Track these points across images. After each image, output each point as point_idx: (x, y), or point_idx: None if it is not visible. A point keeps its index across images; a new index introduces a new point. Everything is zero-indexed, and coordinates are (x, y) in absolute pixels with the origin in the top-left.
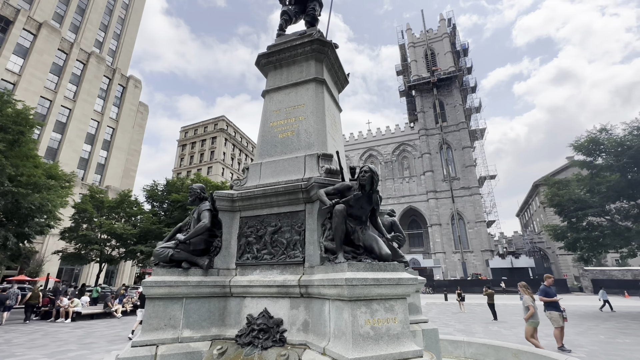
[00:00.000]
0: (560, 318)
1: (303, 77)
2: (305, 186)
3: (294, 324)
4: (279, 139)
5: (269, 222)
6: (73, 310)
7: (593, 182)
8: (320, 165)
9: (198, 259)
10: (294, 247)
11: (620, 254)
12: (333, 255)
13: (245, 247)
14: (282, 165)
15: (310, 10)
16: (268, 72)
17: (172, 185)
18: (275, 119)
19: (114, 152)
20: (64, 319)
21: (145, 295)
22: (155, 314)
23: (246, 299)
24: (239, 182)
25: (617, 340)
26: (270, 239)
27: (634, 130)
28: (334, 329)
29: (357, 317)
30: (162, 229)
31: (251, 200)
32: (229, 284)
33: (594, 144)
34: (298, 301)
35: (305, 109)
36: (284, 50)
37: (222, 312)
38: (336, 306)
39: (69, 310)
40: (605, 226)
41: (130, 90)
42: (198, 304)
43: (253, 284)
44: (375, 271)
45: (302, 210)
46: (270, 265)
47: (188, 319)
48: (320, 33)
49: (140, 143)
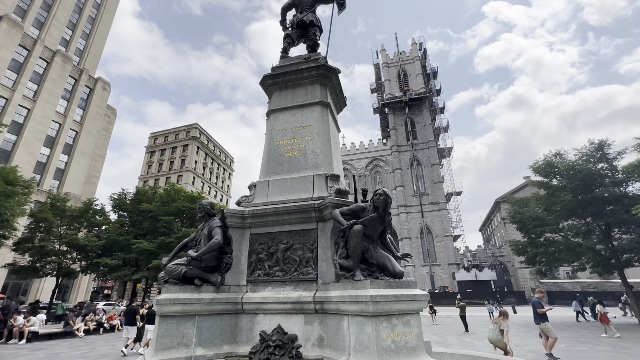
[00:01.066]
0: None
1: (309, 100)
2: (318, 205)
3: (308, 339)
4: (286, 157)
5: (280, 239)
6: (29, 330)
7: (549, 202)
8: (330, 186)
9: (210, 276)
10: (306, 264)
11: (572, 267)
12: (348, 272)
13: (257, 263)
14: (290, 184)
15: (312, 35)
16: (273, 92)
17: (143, 194)
18: (281, 138)
19: (76, 157)
20: (17, 339)
21: (158, 313)
22: (168, 332)
23: (258, 315)
24: (247, 198)
25: (575, 348)
26: (282, 256)
27: (582, 155)
28: (354, 343)
29: (380, 331)
30: (130, 240)
31: (262, 217)
32: (241, 300)
33: (549, 166)
34: (312, 317)
35: (312, 130)
36: (290, 72)
37: (234, 329)
38: (357, 321)
39: (24, 330)
40: (560, 242)
41: (97, 93)
42: (210, 321)
43: (267, 301)
44: (393, 288)
45: (314, 228)
46: (282, 282)
47: (200, 337)
48: (325, 59)
49: (105, 148)
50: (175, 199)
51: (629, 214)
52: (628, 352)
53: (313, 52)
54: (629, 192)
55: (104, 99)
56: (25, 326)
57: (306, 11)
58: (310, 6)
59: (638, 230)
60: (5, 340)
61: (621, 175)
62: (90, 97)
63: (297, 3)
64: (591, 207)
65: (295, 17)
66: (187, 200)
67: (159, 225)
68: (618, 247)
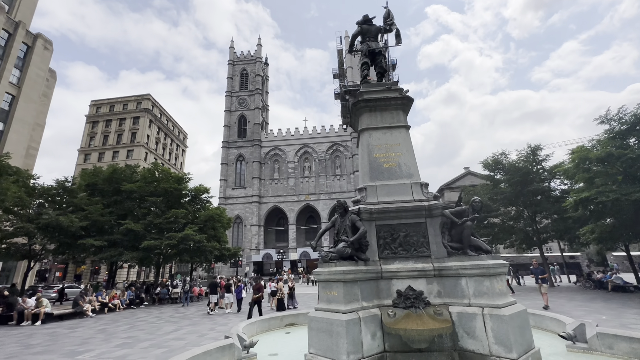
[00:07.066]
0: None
1: (395, 123)
2: (428, 206)
3: (430, 293)
4: (385, 167)
5: (400, 228)
6: (44, 312)
7: (493, 192)
8: (425, 192)
9: (361, 254)
10: (420, 245)
11: (504, 244)
12: (457, 250)
13: (384, 245)
14: (393, 189)
15: (379, 61)
16: (363, 112)
17: (120, 173)
18: (377, 152)
19: (14, 126)
20: (30, 322)
21: (334, 280)
22: (347, 292)
23: (392, 280)
24: (363, 198)
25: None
26: (403, 240)
27: (522, 156)
28: (473, 292)
29: (494, 283)
30: (114, 221)
31: (385, 213)
32: (380, 270)
33: (495, 163)
34: (432, 279)
35: (401, 147)
36: (379, 99)
37: (377, 290)
38: (475, 280)
39: (40, 311)
40: (497, 224)
41: (38, 52)
42: (365, 284)
43: (400, 270)
44: (495, 260)
45: (423, 222)
46: (406, 258)
47: (362, 295)
48: (406, 90)
49: (44, 116)
50: (160, 179)
51: (551, 203)
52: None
53: (382, 77)
54: (552, 188)
55: (45, 60)
56: (41, 308)
57: (372, 40)
58: (374, 36)
59: (554, 217)
60: (17, 323)
61: (546, 174)
62: (28, 56)
63: (364, 32)
64: (523, 198)
65: (364, 45)
66: (175, 182)
67: (144, 205)
68: (541, 229)
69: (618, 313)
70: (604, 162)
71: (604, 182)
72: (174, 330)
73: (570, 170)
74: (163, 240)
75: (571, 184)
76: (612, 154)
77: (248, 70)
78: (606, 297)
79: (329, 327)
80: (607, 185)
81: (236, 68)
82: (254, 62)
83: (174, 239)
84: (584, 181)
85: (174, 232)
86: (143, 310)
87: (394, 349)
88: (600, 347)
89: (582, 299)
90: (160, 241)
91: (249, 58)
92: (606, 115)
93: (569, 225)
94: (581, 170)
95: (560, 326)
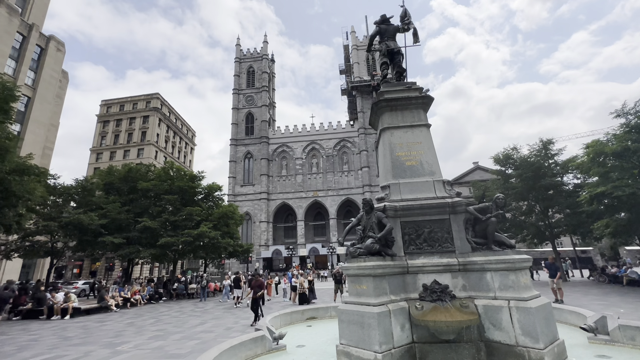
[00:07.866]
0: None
1: (416, 122)
2: (452, 203)
3: (455, 287)
4: (407, 165)
5: (424, 225)
6: (72, 306)
7: (504, 187)
8: (448, 189)
9: (387, 250)
10: (445, 241)
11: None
12: (481, 246)
13: (409, 241)
14: (416, 186)
15: (398, 61)
16: (384, 112)
17: (136, 172)
18: (399, 151)
19: (30, 127)
20: (59, 316)
21: (363, 274)
22: (377, 286)
23: (418, 274)
24: (387, 195)
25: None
26: (428, 236)
27: (534, 151)
28: (498, 286)
29: (519, 277)
30: (131, 219)
31: (409, 210)
32: (407, 265)
33: (507, 158)
34: (457, 274)
35: (423, 145)
36: (400, 99)
37: (403, 284)
38: (500, 274)
39: (68, 306)
40: (509, 219)
41: (51, 54)
42: (392, 279)
43: (425, 265)
44: (519, 255)
45: (447, 218)
46: (431, 253)
47: (390, 288)
48: (426, 90)
49: (58, 117)
50: (174, 178)
51: (563, 198)
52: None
53: (401, 76)
54: (565, 182)
55: (58, 62)
56: (70, 303)
57: (390, 39)
58: (392, 35)
59: (567, 212)
60: (47, 317)
61: (559, 169)
62: (42, 58)
63: (382, 32)
64: (535, 192)
65: (383, 44)
66: (189, 179)
67: (159, 203)
68: (553, 223)
69: (636, 307)
70: (620, 157)
71: (620, 176)
72: (200, 323)
73: (584, 164)
74: (179, 237)
75: (584, 178)
76: (628, 148)
77: (255, 68)
78: (622, 292)
79: (361, 319)
80: (623, 179)
81: (243, 65)
82: (260, 59)
83: (190, 235)
84: (599, 175)
85: (189, 229)
86: (163, 305)
87: (422, 340)
88: (622, 339)
89: (598, 292)
90: (177, 238)
91: (255, 55)
92: (622, 108)
93: (582, 220)
94: (596, 164)
95: (580, 319)
